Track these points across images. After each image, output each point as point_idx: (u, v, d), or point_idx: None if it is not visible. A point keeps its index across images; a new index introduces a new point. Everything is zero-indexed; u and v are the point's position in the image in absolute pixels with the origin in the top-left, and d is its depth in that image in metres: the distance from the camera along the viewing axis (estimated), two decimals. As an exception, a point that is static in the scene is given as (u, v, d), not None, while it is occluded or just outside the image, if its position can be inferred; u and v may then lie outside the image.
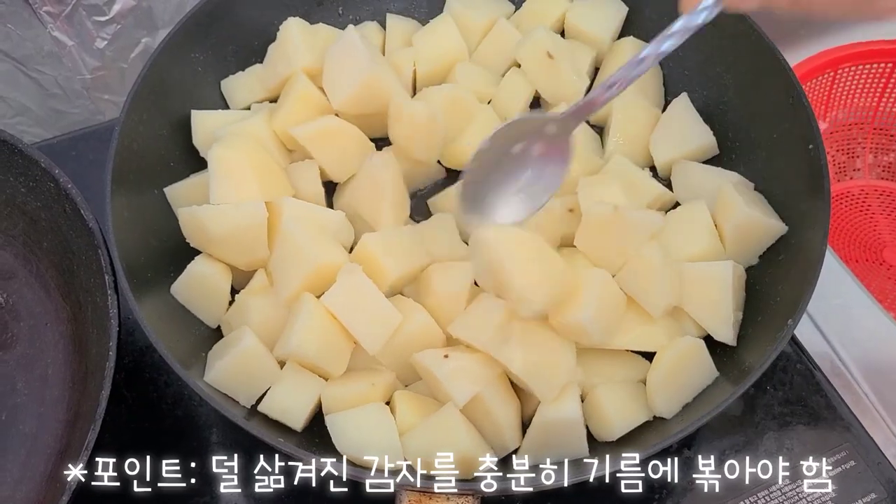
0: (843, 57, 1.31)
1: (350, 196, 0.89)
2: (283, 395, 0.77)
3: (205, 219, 0.81)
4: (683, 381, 0.77)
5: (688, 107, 0.93)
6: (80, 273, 0.84)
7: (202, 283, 0.83)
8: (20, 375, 0.87)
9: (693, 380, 0.77)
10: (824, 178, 0.77)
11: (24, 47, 1.13)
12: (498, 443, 0.77)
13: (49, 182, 0.83)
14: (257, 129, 0.89)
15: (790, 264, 0.79)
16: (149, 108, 0.87)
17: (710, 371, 0.77)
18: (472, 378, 0.75)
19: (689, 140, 0.92)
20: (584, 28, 0.99)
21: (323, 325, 0.77)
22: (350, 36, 0.87)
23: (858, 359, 0.97)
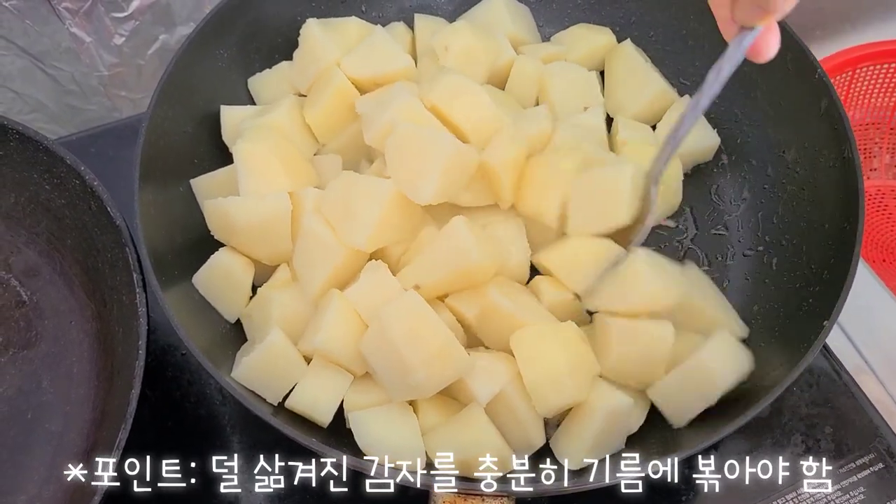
0: (861, 57, 1.31)
1: None
2: (311, 390, 0.77)
3: (230, 210, 0.80)
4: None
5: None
6: (106, 270, 0.84)
7: (224, 274, 0.83)
8: (45, 373, 0.86)
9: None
10: (858, 179, 0.77)
11: (41, 43, 1.12)
12: (523, 441, 0.76)
13: (74, 179, 0.82)
14: (281, 121, 0.88)
15: (824, 267, 0.79)
16: (174, 104, 0.86)
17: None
18: (495, 376, 0.75)
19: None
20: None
21: (349, 322, 0.76)
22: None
23: (882, 359, 0.97)
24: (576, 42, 1.00)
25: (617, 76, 0.98)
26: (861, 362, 0.96)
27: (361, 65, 0.90)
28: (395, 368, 0.72)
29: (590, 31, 1.02)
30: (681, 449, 0.68)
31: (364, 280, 0.77)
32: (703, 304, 0.80)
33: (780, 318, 0.80)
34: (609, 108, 0.96)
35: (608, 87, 0.98)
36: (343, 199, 0.78)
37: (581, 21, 1.04)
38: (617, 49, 1.00)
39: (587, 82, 0.96)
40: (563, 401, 0.73)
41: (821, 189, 0.83)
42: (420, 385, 0.72)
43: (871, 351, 0.97)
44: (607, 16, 1.02)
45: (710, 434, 0.69)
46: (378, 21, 1.00)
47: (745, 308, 0.84)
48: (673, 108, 0.94)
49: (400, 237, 0.81)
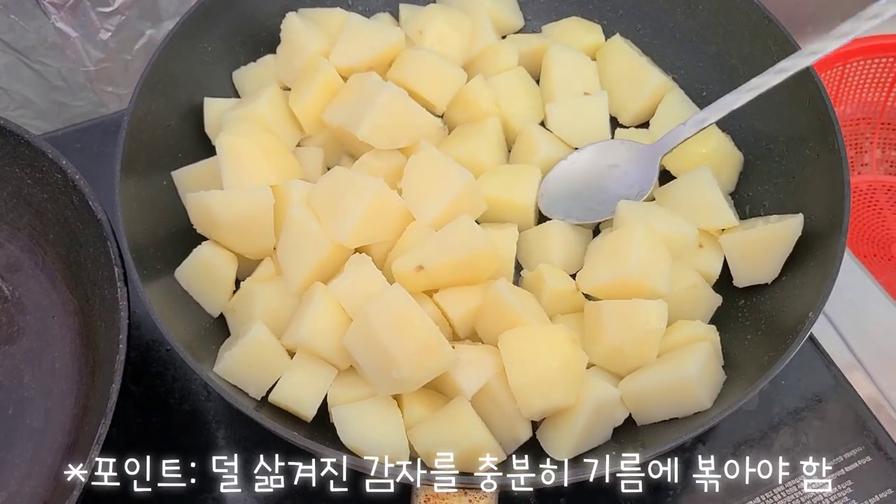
0: (852, 51, 1.31)
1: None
2: (294, 384, 0.76)
3: (211, 204, 0.80)
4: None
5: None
6: (88, 265, 0.83)
7: (207, 268, 0.82)
8: (27, 369, 0.85)
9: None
10: (844, 170, 0.77)
11: (27, 39, 1.12)
12: (509, 435, 0.76)
13: (56, 173, 0.82)
14: (263, 112, 0.88)
15: (809, 258, 0.78)
16: (157, 97, 0.86)
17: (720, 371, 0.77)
18: (481, 369, 0.75)
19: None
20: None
21: (333, 316, 0.76)
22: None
23: (872, 353, 0.97)
24: (564, 35, 1.00)
25: (613, 73, 0.97)
26: (850, 356, 0.96)
27: (352, 52, 0.90)
28: (380, 362, 0.71)
29: (580, 27, 1.01)
30: (662, 442, 0.68)
31: (348, 273, 0.77)
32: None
33: (766, 310, 0.80)
34: (609, 106, 0.96)
35: (605, 85, 0.97)
36: (332, 193, 0.78)
37: (569, 14, 1.03)
38: (608, 45, 0.99)
39: (588, 69, 0.97)
40: (548, 404, 0.73)
41: (807, 180, 0.83)
42: (404, 379, 0.71)
43: (861, 345, 0.97)
44: (595, 9, 1.02)
45: (693, 427, 0.69)
46: (364, 13, 1.00)
47: (730, 301, 0.83)
48: (666, 100, 0.94)
49: (384, 236, 0.81)
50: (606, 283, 0.78)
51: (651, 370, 0.75)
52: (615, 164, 0.89)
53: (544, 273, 0.81)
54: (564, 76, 0.95)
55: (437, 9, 0.95)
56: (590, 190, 0.89)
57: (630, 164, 0.89)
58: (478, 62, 0.97)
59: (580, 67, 0.96)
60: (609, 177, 0.89)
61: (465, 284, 0.80)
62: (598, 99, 0.94)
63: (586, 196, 0.88)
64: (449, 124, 0.95)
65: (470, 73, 0.93)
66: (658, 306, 0.74)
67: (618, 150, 0.90)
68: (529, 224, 0.88)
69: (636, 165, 0.88)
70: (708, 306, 0.83)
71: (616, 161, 0.89)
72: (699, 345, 0.75)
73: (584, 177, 0.89)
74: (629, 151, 0.89)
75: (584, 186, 0.89)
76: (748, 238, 0.81)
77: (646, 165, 0.87)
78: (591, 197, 0.88)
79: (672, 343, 0.77)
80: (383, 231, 0.81)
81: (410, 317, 0.71)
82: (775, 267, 0.80)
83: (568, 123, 0.93)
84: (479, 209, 0.83)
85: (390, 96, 0.82)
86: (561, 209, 0.88)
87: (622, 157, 0.89)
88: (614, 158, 0.90)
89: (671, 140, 0.87)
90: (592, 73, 0.97)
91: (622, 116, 0.96)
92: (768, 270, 0.81)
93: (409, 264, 0.76)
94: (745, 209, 0.89)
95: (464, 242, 0.77)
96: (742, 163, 0.91)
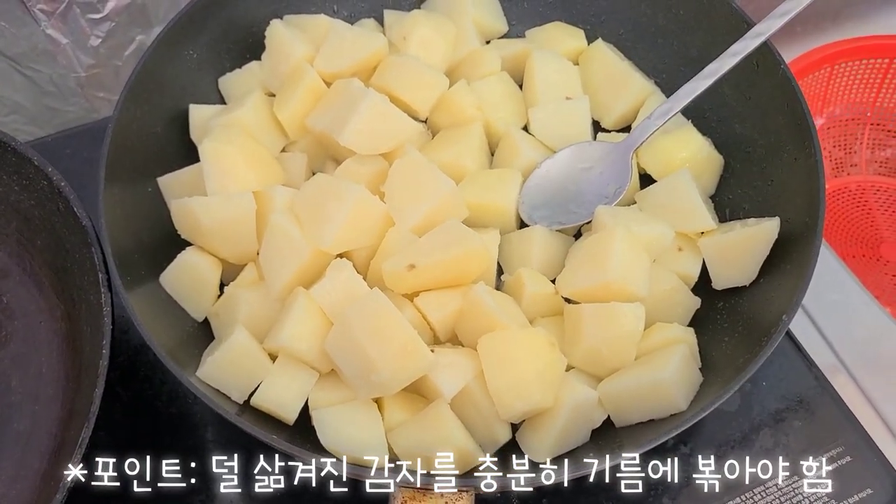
0: (840, 52, 1.32)
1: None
2: (276, 388, 0.77)
3: (195, 209, 0.81)
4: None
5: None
6: (74, 271, 0.84)
7: (191, 273, 0.83)
8: (14, 374, 0.86)
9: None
10: (819, 175, 0.77)
11: (17, 45, 1.13)
12: (488, 437, 0.77)
13: (42, 180, 0.83)
14: (247, 118, 0.89)
15: (785, 261, 0.79)
16: (143, 104, 0.87)
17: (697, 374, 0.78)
18: (460, 371, 0.75)
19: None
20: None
21: (314, 320, 0.77)
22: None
23: (855, 354, 0.97)
24: (547, 40, 1.01)
25: (595, 77, 0.98)
26: (832, 356, 0.96)
27: (336, 58, 0.91)
28: (360, 366, 0.72)
29: (563, 32, 1.02)
30: (639, 444, 0.68)
31: (329, 278, 0.77)
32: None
33: (744, 312, 0.81)
34: (591, 110, 0.97)
35: (587, 90, 0.98)
36: (314, 199, 0.79)
37: (553, 19, 1.04)
38: (590, 50, 1.00)
39: (570, 74, 0.97)
40: (526, 407, 0.73)
41: (785, 184, 0.83)
42: (384, 382, 0.72)
43: (844, 346, 0.97)
44: (578, 14, 1.03)
45: (668, 428, 0.69)
46: (349, 19, 1.01)
47: (709, 303, 0.84)
48: (648, 103, 0.95)
49: (366, 242, 0.82)
50: (586, 287, 0.79)
51: (628, 372, 0.76)
52: (589, 166, 0.90)
53: (524, 277, 0.82)
54: (547, 81, 0.96)
55: (420, 14, 0.96)
56: (567, 194, 0.89)
57: (604, 164, 0.89)
58: (461, 67, 0.98)
59: (563, 72, 0.97)
60: (584, 179, 0.90)
61: (453, 285, 0.80)
62: (580, 103, 0.95)
63: (564, 200, 0.89)
64: (432, 129, 0.95)
65: (453, 77, 0.94)
66: (635, 309, 0.75)
67: (590, 152, 0.91)
68: (511, 228, 0.89)
69: (610, 164, 0.89)
70: (687, 309, 0.84)
71: (589, 163, 0.90)
72: (676, 347, 0.76)
73: (560, 182, 0.90)
74: (601, 151, 0.90)
75: (560, 191, 0.89)
76: (726, 241, 0.82)
77: (619, 162, 0.88)
78: (570, 201, 0.89)
79: (650, 346, 0.77)
80: (365, 236, 0.81)
81: (390, 321, 0.72)
82: (753, 269, 0.81)
83: (550, 128, 0.94)
84: (460, 216, 0.84)
85: (372, 102, 0.83)
86: (541, 216, 0.88)
87: (595, 157, 0.90)
88: (587, 160, 0.90)
89: (640, 134, 0.88)
90: (575, 77, 0.97)
91: (605, 120, 0.97)
92: (746, 273, 0.81)
93: (400, 263, 0.77)
94: (726, 212, 0.90)
95: (456, 240, 0.77)
96: (722, 166, 0.91)
